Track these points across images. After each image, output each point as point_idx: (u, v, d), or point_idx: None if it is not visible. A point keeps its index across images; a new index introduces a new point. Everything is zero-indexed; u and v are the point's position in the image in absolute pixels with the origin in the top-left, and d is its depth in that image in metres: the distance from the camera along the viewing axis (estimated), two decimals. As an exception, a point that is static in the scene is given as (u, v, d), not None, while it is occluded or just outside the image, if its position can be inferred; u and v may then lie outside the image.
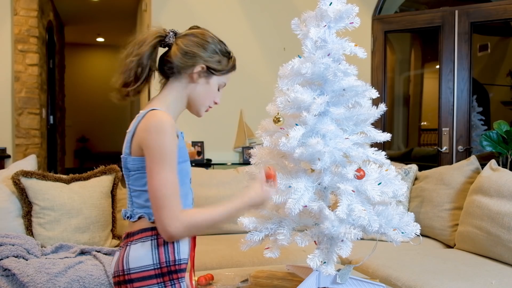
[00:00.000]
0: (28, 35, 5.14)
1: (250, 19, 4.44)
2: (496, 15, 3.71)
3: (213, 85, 1.39)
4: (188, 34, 1.37)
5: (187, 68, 1.34)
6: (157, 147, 1.21)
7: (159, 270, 1.27)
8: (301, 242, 1.67)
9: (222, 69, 1.38)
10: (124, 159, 1.31)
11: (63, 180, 2.58)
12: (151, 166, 1.22)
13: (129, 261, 1.27)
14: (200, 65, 1.34)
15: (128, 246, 1.29)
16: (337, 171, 1.65)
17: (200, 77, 1.36)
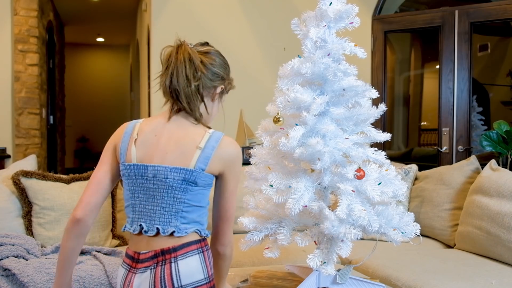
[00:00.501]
0: (28, 35, 5.14)
1: (250, 19, 4.44)
2: (496, 15, 3.71)
3: (220, 103, 1.45)
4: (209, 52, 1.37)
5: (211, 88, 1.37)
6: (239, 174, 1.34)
7: (210, 284, 1.27)
8: (301, 242, 1.67)
9: (229, 88, 1.45)
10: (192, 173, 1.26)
11: (63, 180, 2.58)
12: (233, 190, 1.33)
13: (181, 277, 1.22)
14: (221, 86, 1.39)
15: (174, 262, 1.23)
16: (337, 171, 1.65)
17: (219, 97, 1.42)
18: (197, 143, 1.27)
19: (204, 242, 1.31)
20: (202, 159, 1.27)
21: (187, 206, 1.28)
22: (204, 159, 1.27)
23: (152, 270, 1.23)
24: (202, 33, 4.30)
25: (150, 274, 1.23)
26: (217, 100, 1.41)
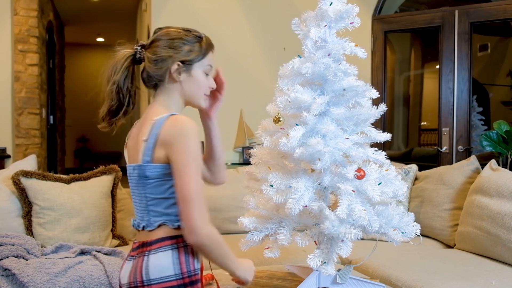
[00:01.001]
0: (28, 35, 5.14)
1: (250, 19, 4.44)
2: (496, 15, 3.71)
3: (197, 75, 1.37)
4: (153, 42, 1.36)
5: (164, 73, 1.34)
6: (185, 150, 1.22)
7: (181, 281, 1.25)
8: (301, 242, 1.67)
9: (196, 55, 1.35)
10: (140, 167, 1.28)
11: (63, 180, 2.58)
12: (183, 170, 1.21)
13: (149, 271, 1.23)
14: (174, 63, 1.33)
15: (146, 256, 1.26)
16: (337, 171, 1.65)
17: (180, 74, 1.35)
18: (143, 136, 1.29)
19: (180, 238, 1.28)
20: (146, 151, 1.27)
21: (150, 200, 1.29)
22: (147, 150, 1.27)
23: (134, 260, 1.29)
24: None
25: (132, 263, 1.29)
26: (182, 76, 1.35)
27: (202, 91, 1.39)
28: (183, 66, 1.34)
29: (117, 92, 1.35)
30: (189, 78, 1.36)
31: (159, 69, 1.33)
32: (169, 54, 1.33)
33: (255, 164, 1.80)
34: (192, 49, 1.35)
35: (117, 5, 7.11)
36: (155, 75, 1.34)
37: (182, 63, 1.34)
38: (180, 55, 1.33)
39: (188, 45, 1.35)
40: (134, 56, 1.37)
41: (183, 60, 1.33)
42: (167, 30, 1.37)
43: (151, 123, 1.29)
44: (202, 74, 1.38)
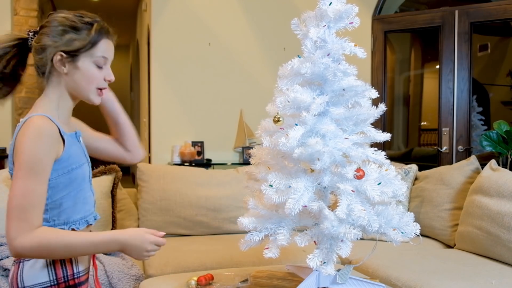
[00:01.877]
0: (28, 35, 5.14)
1: (250, 19, 4.44)
2: (496, 15, 3.71)
3: (85, 67, 1.21)
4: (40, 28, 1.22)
5: (47, 64, 1.19)
6: (27, 153, 1.10)
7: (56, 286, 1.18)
8: (301, 242, 1.67)
9: (81, 45, 1.19)
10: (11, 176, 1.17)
11: (63, 180, 2.58)
12: (16, 173, 1.10)
13: (24, 279, 1.17)
14: (57, 54, 1.19)
15: (22, 262, 1.18)
16: (336, 171, 1.65)
17: (64, 66, 1.20)
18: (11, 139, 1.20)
19: None
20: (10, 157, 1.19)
21: None
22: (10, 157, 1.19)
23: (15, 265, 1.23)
24: (202, 33, 4.31)
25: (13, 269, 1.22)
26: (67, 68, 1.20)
27: (92, 85, 1.23)
28: (66, 56, 1.19)
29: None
30: (74, 70, 1.21)
31: (41, 59, 1.20)
32: (48, 43, 1.18)
33: (255, 164, 1.80)
34: (77, 37, 1.19)
35: (117, 5, 7.11)
36: (39, 66, 1.22)
37: (65, 53, 1.19)
38: (61, 43, 1.18)
39: (71, 33, 1.19)
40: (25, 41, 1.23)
41: (66, 50, 1.18)
42: (56, 15, 1.21)
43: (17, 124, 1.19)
44: (91, 65, 1.22)
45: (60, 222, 1.20)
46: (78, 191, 1.23)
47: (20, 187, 1.09)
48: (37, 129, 1.12)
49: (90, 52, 1.21)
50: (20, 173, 1.10)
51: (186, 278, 1.95)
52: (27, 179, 1.09)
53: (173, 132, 4.24)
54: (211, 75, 4.30)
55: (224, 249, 2.51)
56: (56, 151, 1.16)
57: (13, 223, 1.08)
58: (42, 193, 1.12)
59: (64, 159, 1.18)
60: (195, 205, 2.86)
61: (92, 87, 1.24)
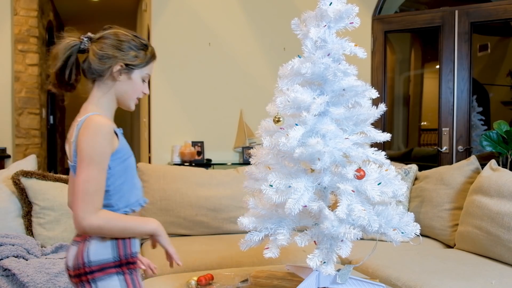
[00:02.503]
0: (28, 35, 5.15)
1: (250, 19, 4.44)
2: (496, 15, 3.71)
3: (136, 79, 1.45)
4: (101, 38, 1.42)
5: (106, 70, 1.40)
6: (89, 146, 1.31)
7: (118, 262, 1.38)
8: (301, 242, 1.67)
9: (140, 62, 1.44)
10: (73, 167, 1.38)
11: (63, 180, 2.58)
12: (80, 163, 1.31)
13: (90, 255, 1.35)
14: (118, 64, 1.40)
15: (88, 241, 1.36)
16: (337, 171, 1.65)
17: (121, 75, 1.42)
18: (71, 137, 1.39)
19: None
20: (73, 152, 1.37)
21: None
22: (74, 151, 1.37)
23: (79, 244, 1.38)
24: (202, 33, 4.30)
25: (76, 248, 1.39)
26: (122, 77, 1.42)
27: (136, 94, 1.47)
28: (125, 68, 1.41)
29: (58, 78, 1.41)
30: (127, 80, 1.44)
31: (102, 64, 1.40)
32: (115, 54, 1.40)
33: (255, 164, 1.80)
34: (138, 55, 1.43)
35: (117, 5, 7.11)
36: (97, 70, 1.41)
37: (125, 65, 1.41)
38: (126, 58, 1.41)
39: (134, 50, 1.43)
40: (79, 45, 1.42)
41: (127, 63, 1.41)
42: (117, 31, 1.44)
43: (76, 124, 1.38)
44: (139, 79, 1.46)
45: (121, 206, 1.40)
46: (132, 177, 1.44)
47: (86, 176, 1.30)
48: (97, 126, 1.32)
49: (142, 69, 1.45)
50: (84, 163, 1.30)
51: (186, 278, 1.95)
52: (91, 169, 1.30)
53: (173, 132, 4.24)
54: (211, 75, 4.29)
55: (224, 249, 2.51)
56: (113, 144, 1.36)
57: (81, 205, 1.29)
58: (102, 181, 1.33)
59: (119, 150, 1.38)
60: (195, 205, 2.86)
61: (134, 96, 1.47)
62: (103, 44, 1.40)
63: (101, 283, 1.35)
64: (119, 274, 1.37)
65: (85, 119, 1.35)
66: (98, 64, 1.40)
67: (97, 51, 1.40)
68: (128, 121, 10.02)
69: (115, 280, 1.36)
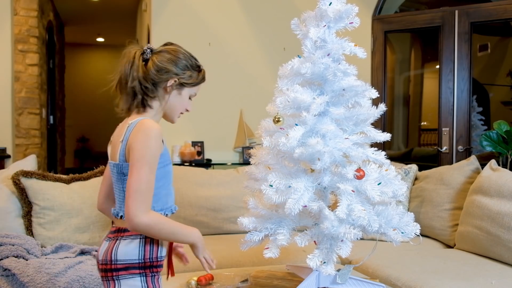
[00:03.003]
0: (28, 35, 5.15)
1: (250, 19, 4.44)
2: (496, 15, 3.71)
3: (184, 96, 1.54)
4: (162, 51, 1.51)
5: (161, 82, 1.49)
6: (142, 148, 1.38)
7: (143, 264, 1.44)
8: (301, 242, 1.67)
9: (192, 82, 1.54)
10: (119, 165, 1.45)
11: (63, 180, 2.58)
12: (134, 163, 1.37)
13: (118, 253, 1.42)
14: (173, 79, 1.49)
15: (119, 240, 1.44)
16: (337, 171, 1.65)
17: (172, 89, 1.51)
18: (120, 137, 1.46)
19: None
20: (122, 151, 1.44)
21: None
22: (122, 151, 1.44)
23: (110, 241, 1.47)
24: (202, 33, 4.30)
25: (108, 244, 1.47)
26: (173, 92, 1.51)
27: (181, 110, 1.56)
28: (178, 84, 1.51)
29: (140, 88, 1.47)
30: (177, 95, 1.53)
31: (159, 76, 1.48)
32: (173, 70, 1.49)
33: (255, 164, 1.80)
34: (192, 75, 1.53)
35: (117, 5, 7.11)
36: (153, 80, 1.48)
37: (179, 82, 1.50)
38: (181, 75, 1.50)
39: (190, 70, 1.53)
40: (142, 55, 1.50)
41: (182, 81, 1.51)
42: (177, 47, 1.54)
43: (126, 125, 1.46)
44: (187, 96, 1.56)
45: (157, 208, 1.45)
46: (169, 183, 1.51)
47: (138, 175, 1.36)
48: (149, 129, 1.40)
49: (192, 88, 1.56)
50: (138, 164, 1.36)
51: (186, 278, 1.95)
52: (144, 169, 1.36)
53: (173, 132, 4.23)
54: (211, 75, 4.25)
55: (224, 249, 2.51)
56: (161, 148, 1.43)
57: (134, 204, 1.34)
58: (153, 181, 1.39)
59: (163, 155, 1.45)
60: (195, 205, 2.86)
61: (179, 111, 1.57)
62: (163, 58, 1.49)
63: (124, 281, 1.42)
64: (142, 275, 1.44)
65: (137, 122, 1.43)
66: (156, 74, 1.47)
67: (157, 63, 1.48)
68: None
69: (138, 281, 1.43)
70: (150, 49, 1.51)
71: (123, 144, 1.44)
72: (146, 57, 1.49)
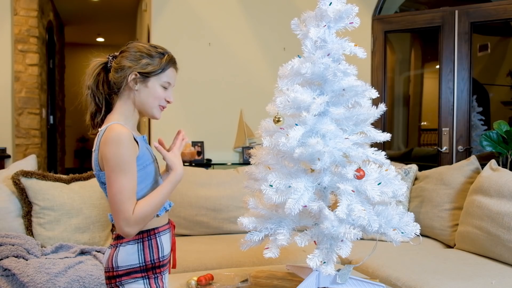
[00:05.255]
0: (28, 35, 5.15)
1: (250, 19, 4.44)
2: (496, 15, 3.71)
3: (152, 87, 1.48)
4: (120, 52, 1.50)
5: (122, 81, 1.46)
6: (115, 157, 1.35)
7: (144, 267, 1.45)
8: (301, 242, 1.67)
9: (154, 69, 1.47)
10: (97, 175, 1.45)
11: (63, 180, 2.58)
12: (109, 174, 1.35)
13: (118, 260, 1.44)
14: (132, 73, 1.45)
15: (118, 247, 1.45)
16: (337, 171, 1.65)
17: (136, 84, 1.46)
18: (94, 146, 1.45)
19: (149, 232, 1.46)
20: (95, 161, 1.44)
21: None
22: (95, 160, 1.44)
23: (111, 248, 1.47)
24: (202, 33, 4.30)
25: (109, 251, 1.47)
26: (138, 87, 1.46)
27: (156, 102, 1.49)
28: (139, 76, 1.45)
29: (92, 96, 1.49)
30: (144, 88, 1.47)
31: (118, 77, 1.45)
32: (127, 64, 1.45)
33: (255, 164, 1.80)
34: (151, 63, 1.46)
35: (117, 5, 7.11)
36: (115, 82, 1.47)
37: (139, 74, 1.45)
38: (138, 66, 1.45)
39: (147, 58, 1.46)
40: (106, 64, 1.50)
41: (141, 72, 1.45)
42: (135, 44, 1.50)
43: (97, 134, 1.46)
44: (158, 87, 1.48)
45: None
46: (154, 183, 1.49)
47: (116, 187, 1.34)
48: (117, 135, 1.35)
49: (159, 76, 1.48)
50: (113, 175, 1.35)
51: (186, 278, 1.95)
52: (121, 179, 1.34)
53: (173, 132, 4.22)
54: (211, 75, 4.29)
55: (224, 249, 2.51)
56: (135, 151, 1.40)
57: (119, 215, 1.35)
58: (133, 187, 1.38)
59: (140, 157, 1.42)
60: (195, 205, 2.86)
61: (155, 104, 1.50)
62: (121, 58, 1.47)
63: (128, 286, 1.44)
64: (145, 278, 1.45)
65: (105, 129, 1.40)
66: (116, 76, 1.46)
67: (115, 66, 1.47)
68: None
69: (141, 284, 1.45)
70: (113, 56, 1.50)
71: (95, 154, 1.43)
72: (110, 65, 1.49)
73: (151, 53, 1.47)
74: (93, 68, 1.50)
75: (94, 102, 1.50)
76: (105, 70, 1.51)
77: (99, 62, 1.51)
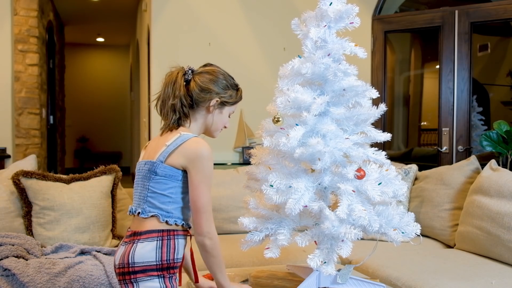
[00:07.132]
0: (28, 35, 5.14)
1: (250, 19, 4.44)
2: (496, 15, 3.71)
3: (225, 114, 1.66)
4: (202, 72, 1.63)
5: (204, 101, 1.60)
6: (208, 170, 1.51)
7: (160, 266, 1.49)
8: (301, 242, 1.67)
9: (232, 101, 1.65)
10: (153, 163, 1.54)
11: (63, 180, 2.58)
12: (199, 184, 1.50)
13: (135, 256, 1.48)
14: (215, 99, 1.60)
15: (135, 243, 1.50)
16: (337, 171, 1.65)
17: (215, 108, 1.62)
18: (166, 142, 1.55)
19: (169, 232, 1.52)
20: (163, 153, 1.53)
21: (151, 192, 1.54)
22: (165, 153, 1.53)
23: (127, 245, 1.53)
24: (202, 33, 4.30)
25: (124, 248, 1.53)
26: (215, 111, 1.62)
27: (221, 126, 1.68)
28: (220, 103, 1.61)
29: (181, 106, 1.58)
30: (219, 114, 1.64)
31: (202, 96, 1.59)
32: (215, 90, 1.60)
33: (255, 164, 1.80)
34: (232, 94, 1.64)
35: (117, 5, 7.11)
36: (196, 100, 1.59)
37: (220, 101, 1.61)
38: (224, 95, 1.61)
39: (231, 90, 1.64)
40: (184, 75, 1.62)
41: (223, 100, 1.61)
42: (217, 69, 1.65)
43: (178, 135, 1.55)
44: (227, 114, 1.67)
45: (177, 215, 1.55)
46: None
47: (204, 196, 1.50)
48: (209, 151, 1.52)
49: (232, 106, 1.67)
50: (203, 185, 1.50)
51: (186, 278, 1.95)
52: (207, 190, 1.51)
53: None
54: (211, 75, 4.28)
55: (224, 249, 2.50)
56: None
57: (206, 223, 1.50)
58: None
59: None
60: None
61: (219, 128, 1.68)
62: (205, 78, 1.60)
63: (143, 284, 1.48)
64: (160, 277, 1.49)
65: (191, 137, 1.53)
66: (199, 94, 1.58)
67: (200, 84, 1.59)
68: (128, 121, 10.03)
69: (156, 283, 1.49)
70: (191, 70, 1.62)
71: (169, 148, 1.52)
72: (188, 77, 1.60)
73: (232, 84, 1.64)
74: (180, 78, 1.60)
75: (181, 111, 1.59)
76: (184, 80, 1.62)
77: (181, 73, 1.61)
